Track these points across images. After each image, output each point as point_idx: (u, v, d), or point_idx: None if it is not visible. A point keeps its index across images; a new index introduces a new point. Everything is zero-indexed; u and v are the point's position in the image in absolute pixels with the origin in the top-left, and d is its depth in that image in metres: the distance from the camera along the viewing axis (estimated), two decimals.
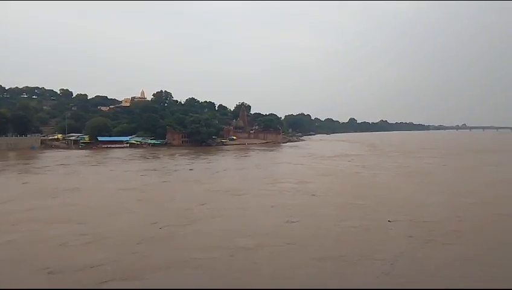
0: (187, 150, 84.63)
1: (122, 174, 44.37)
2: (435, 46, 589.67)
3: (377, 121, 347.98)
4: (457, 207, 26.96)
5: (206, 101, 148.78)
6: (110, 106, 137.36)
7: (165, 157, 68.31)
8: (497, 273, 15.36)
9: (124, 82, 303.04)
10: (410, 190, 33.86)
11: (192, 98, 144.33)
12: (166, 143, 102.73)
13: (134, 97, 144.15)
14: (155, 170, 48.19)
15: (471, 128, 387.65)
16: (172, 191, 32.96)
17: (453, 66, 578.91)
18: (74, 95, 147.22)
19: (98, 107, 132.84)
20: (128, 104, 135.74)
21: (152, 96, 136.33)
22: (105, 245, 18.56)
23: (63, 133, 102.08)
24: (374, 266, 15.89)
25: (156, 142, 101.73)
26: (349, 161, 60.94)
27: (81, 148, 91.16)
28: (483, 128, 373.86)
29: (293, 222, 22.71)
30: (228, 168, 52.16)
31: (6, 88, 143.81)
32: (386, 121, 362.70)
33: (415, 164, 56.10)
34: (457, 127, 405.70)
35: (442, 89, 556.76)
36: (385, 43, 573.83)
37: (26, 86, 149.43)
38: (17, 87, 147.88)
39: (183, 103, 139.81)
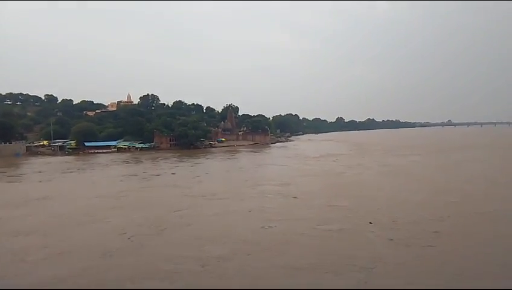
0: (172, 153, 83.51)
1: (100, 181, 42.88)
2: (415, 43, 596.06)
3: (364, 119, 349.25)
4: (438, 206, 26.48)
5: (193, 104, 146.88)
6: (96, 111, 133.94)
7: (148, 162, 66.94)
8: (474, 274, 14.86)
9: (110, 86, 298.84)
10: (392, 189, 33.40)
11: (180, 101, 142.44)
12: (154, 147, 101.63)
13: (120, 101, 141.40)
14: (135, 175, 46.78)
15: (456, 124, 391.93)
16: (148, 198, 31.67)
17: (435, 62, 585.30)
18: (59, 101, 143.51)
19: (84, 112, 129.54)
20: (114, 109, 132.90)
21: (139, 100, 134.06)
22: (67, 259, 17.33)
23: (48, 139, 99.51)
24: (352, 273, 15.12)
25: (144, 146, 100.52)
26: (334, 161, 60.48)
27: (67, 154, 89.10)
28: (468, 124, 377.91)
29: (270, 227, 21.80)
30: (211, 171, 51.01)
31: None
32: (373, 119, 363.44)
33: (398, 162, 55.89)
34: (442, 124, 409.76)
35: (425, 86, 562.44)
36: (364, 42, 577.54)
37: (10, 93, 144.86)
38: None
39: (170, 105, 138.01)
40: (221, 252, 17.70)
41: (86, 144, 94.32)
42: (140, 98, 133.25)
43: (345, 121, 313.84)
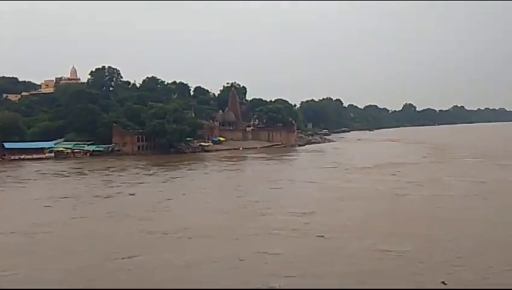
0: (139, 161, 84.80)
1: (13, 206, 43.41)
2: None
3: (449, 107, 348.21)
4: None
5: (175, 82, 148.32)
6: (23, 93, 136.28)
7: (98, 174, 68.00)
8: None
9: (44, 56, 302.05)
10: (485, 223, 32.65)
11: (153, 78, 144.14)
12: (112, 150, 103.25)
13: (60, 78, 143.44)
14: (72, 197, 46.97)
15: None
16: (83, 235, 31.41)
17: None
18: None
19: (4, 96, 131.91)
20: (51, 90, 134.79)
21: (89, 76, 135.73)
22: None
23: None
24: None
25: (97, 148, 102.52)
26: (394, 175, 60.33)
27: None
28: None
29: (272, 289, 20.89)
30: (191, 191, 51.40)
31: None
32: (463, 107, 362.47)
33: (499, 177, 55.38)
34: None
35: None
36: None
37: None
38: None
39: (138, 85, 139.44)
40: None
41: (6, 145, 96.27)
42: (92, 73, 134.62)
43: (417, 110, 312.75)
